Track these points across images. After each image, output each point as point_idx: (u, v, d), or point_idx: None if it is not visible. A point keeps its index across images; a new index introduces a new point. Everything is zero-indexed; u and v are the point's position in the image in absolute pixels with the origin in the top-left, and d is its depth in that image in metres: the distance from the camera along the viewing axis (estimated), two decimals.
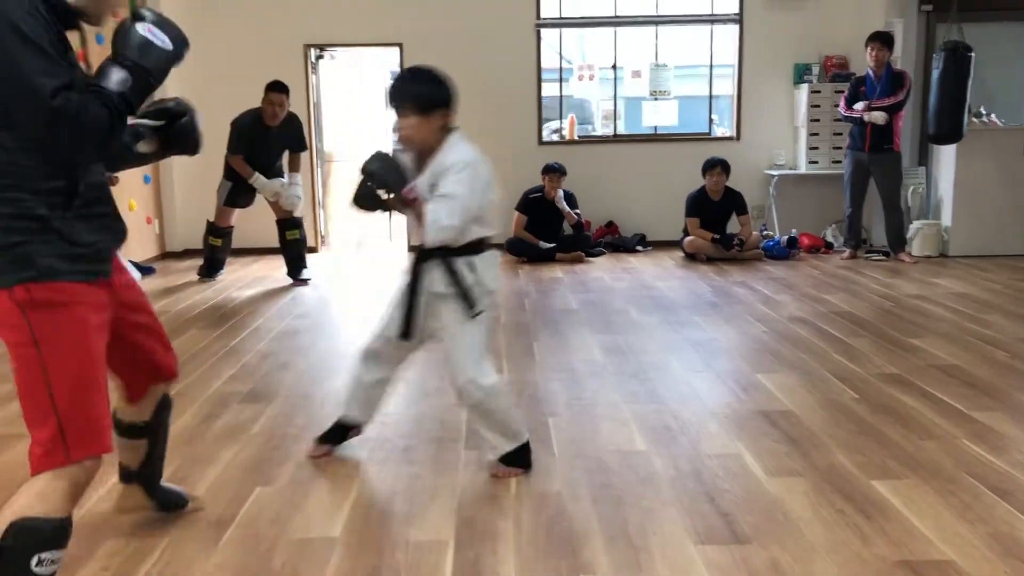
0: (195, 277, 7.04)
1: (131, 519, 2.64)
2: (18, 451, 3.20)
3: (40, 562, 1.90)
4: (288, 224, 6.82)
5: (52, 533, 1.93)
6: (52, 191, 1.91)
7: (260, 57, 7.84)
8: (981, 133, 7.45)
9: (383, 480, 2.95)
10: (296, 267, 6.85)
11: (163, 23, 1.98)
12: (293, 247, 6.85)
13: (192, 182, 8.08)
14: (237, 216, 6.95)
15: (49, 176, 1.90)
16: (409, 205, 2.83)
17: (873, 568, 2.31)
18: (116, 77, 1.90)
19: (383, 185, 2.84)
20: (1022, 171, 7.45)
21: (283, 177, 6.74)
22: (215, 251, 7.00)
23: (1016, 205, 7.49)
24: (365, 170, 2.83)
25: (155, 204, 8.20)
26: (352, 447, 3.24)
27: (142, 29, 1.93)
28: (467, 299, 2.85)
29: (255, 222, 7.46)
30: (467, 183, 2.79)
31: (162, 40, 1.95)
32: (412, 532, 2.56)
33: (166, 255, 8.28)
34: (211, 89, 7.88)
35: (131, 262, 7.00)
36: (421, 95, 2.87)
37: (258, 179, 6.54)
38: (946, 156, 7.63)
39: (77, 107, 1.81)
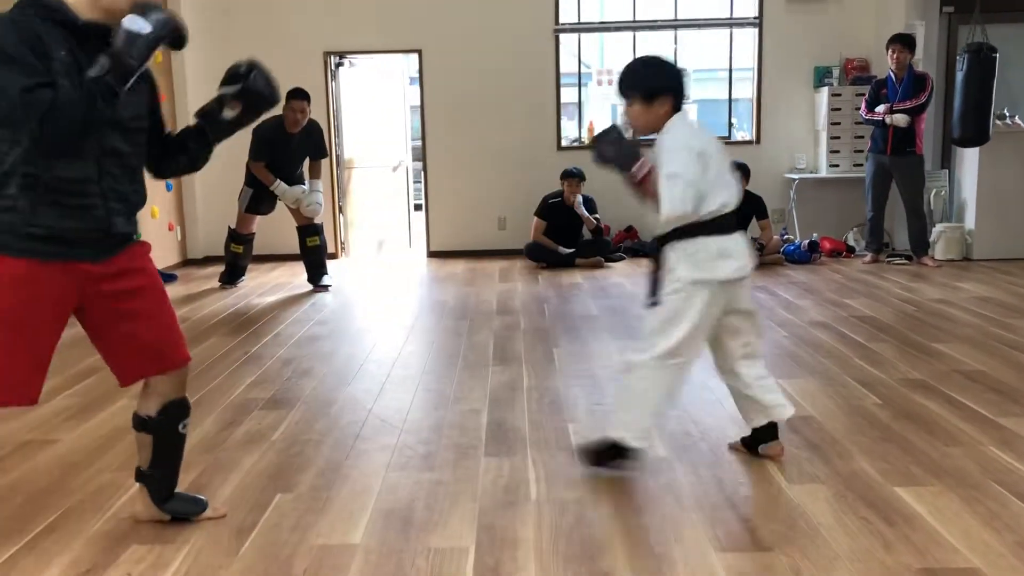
0: (216, 284, 7.09)
1: (154, 526, 2.66)
2: (47, 455, 3.24)
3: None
4: (309, 231, 6.86)
5: None
6: (24, 176, 2.20)
7: (280, 65, 7.77)
8: (1005, 135, 7.38)
9: (404, 487, 2.96)
10: (317, 273, 6.89)
11: (148, 11, 2.21)
12: (314, 253, 6.88)
13: (214, 189, 8.14)
14: (258, 223, 7.00)
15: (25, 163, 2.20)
16: (642, 184, 2.91)
17: None
18: (99, 64, 2.19)
19: (612, 163, 2.94)
20: None
21: (304, 184, 6.77)
22: (236, 258, 7.05)
23: None
24: (598, 152, 2.96)
25: (177, 211, 8.27)
26: (372, 453, 3.26)
27: (126, 21, 2.17)
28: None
29: (276, 229, 7.51)
30: (682, 161, 2.82)
31: (139, 26, 2.17)
32: (433, 539, 2.56)
33: (188, 262, 8.35)
34: None
35: None
36: (644, 83, 2.94)
37: (279, 186, 6.58)
38: (969, 159, 7.56)
39: (47, 98, 2.08)
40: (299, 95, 6.44)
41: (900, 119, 7.02)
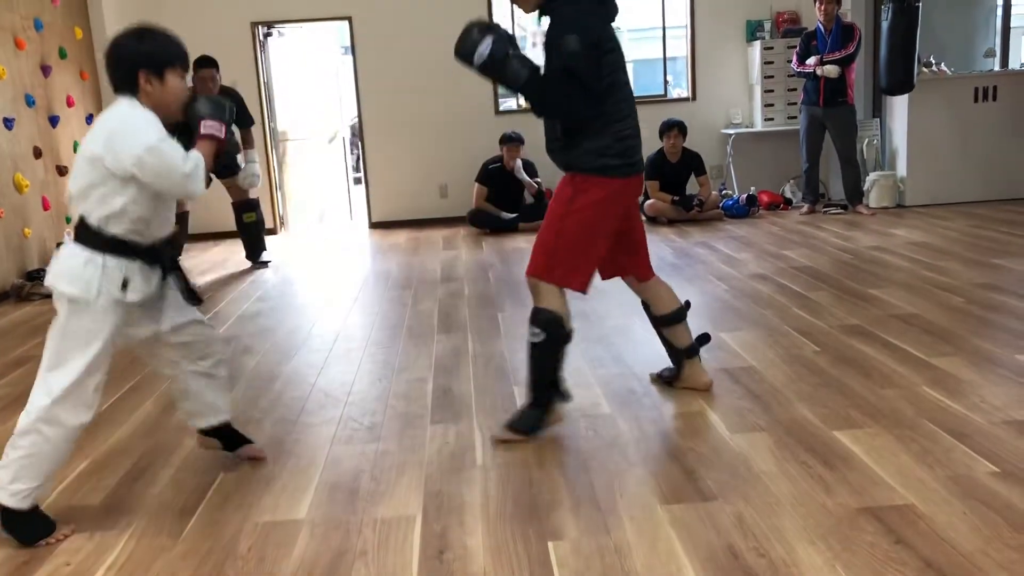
0: None
1: (94, 512, 2.61)
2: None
3: None
4: (245, 207, 6.73)
5: None
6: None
7: (207, 37, 7.65)
8: (931, 83, 7.51)
9: (349, 459, 2.93)
10: (255, 250, 6.78)
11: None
12: (251, 230, 6.77)
13: None
14: (191, 200, 6.84)
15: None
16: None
17: (836, 517, 2.34)
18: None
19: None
20: (973, 119, 7.53)
21: (239, 153, 6.62)
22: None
23: (968, 152, 7.58)
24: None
25: None
26: (317, 427, 3.23)
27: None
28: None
29: (211, 206, 7.36)
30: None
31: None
32: (379, 509, 2.55)
33: None
34: None
35: None
36: None
37: None
38: (899, 107, 7.69)
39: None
40: (207, 63, 6.26)
41: (831, 70, 7.11)
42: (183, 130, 2.47)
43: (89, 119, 7.64)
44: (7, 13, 6.35)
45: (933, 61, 7.76)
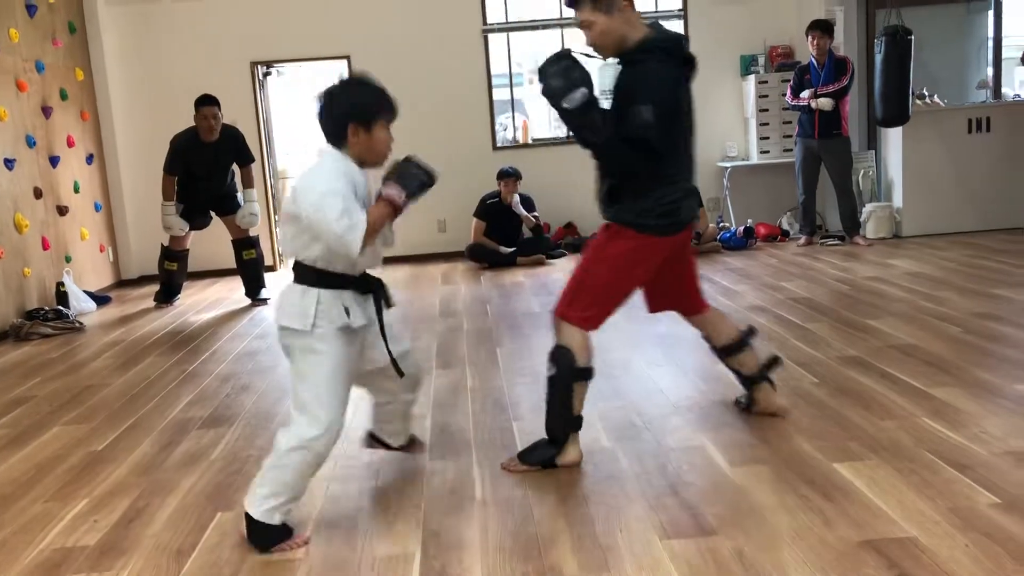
0: (152, 303, 6.94)
1: (89, 553, 2.59)
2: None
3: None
4: (244, 244, 6.76)
5: None
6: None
7: (206, 77, 7.75)
8: (926, 114, 7.57)
9: (347, 497, 2.92)
10: (254, 287, 6.79)
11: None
12: (251, 267, 6.79)
13: (143, 207, 7.97)
14: (192, 239, 6.87)
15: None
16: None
17: (837, 550, 2.32)
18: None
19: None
20: (967, 150, 7.58)
21: (238, 194, 6.68)
22: (171, 276, 6.92)
23: (964, 183, 7.62)
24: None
25: (107, 232, 8.07)
26: None
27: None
28: None
29: (211, 244, 7.39)
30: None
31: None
32: (378, 547, 2.53)
33: (122, 283, 8.15)
34: (157, 111, 7.80)
35: (86, 292, 6.90)
36: None
37: (167, 208, 6.51)
38: (894, 138, 7.75)
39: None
40: (208, 101, 6.34)
41: (824, 103, 7.17)
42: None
43: (90, 159, 7.70)
44: (9, 56, 6.42)
45: (927, 93, 7.83)
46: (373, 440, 3.16)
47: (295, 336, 2.55)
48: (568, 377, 2.97)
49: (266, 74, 8.48)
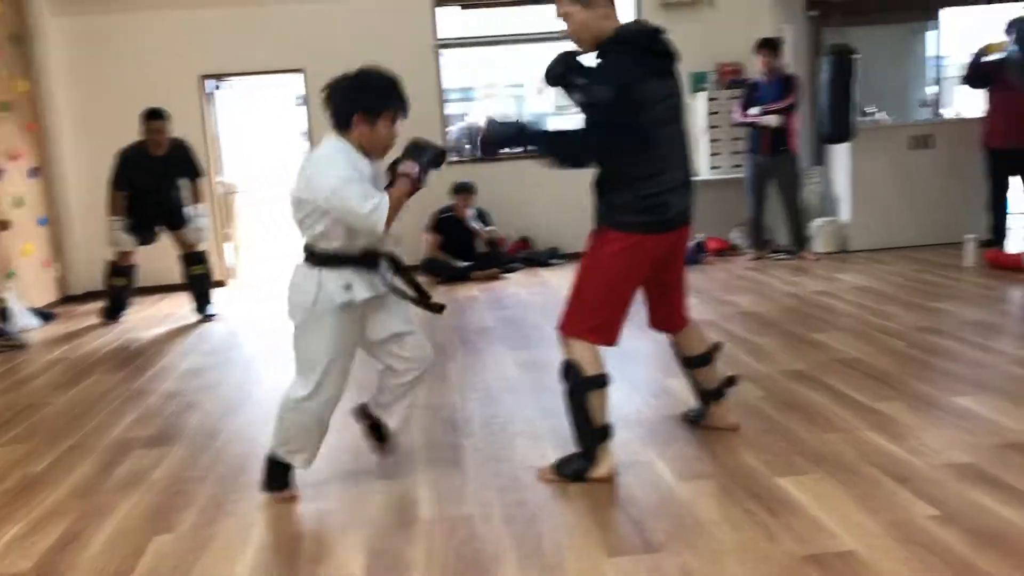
0: (98, 320, 6.80)
1: None
2: None
3: None
4: (193, 259, 6.65)
5: None
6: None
7: (155, 90, 7.63)
8: (871, 131, 7.72)
9: (291, 518, 2.88)
10: (203, 303, 6.68)
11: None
12: (199, 282, 6.68)
13: (90, 222, 7.81)
14: (140, 254, 6.75)
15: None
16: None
17: (780, 565, 2.34)
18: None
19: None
20: (911, 166, 7.74)
21: (186, 208, 6.58)
22: (118, 291, 6.78)
23: (908, 198, 7.77)
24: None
25: (52, 247, 7.89)
26: (257, 486, 3.16)
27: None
28: None
29: (159, 259, 7.25)
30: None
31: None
32: (320, 570, 2.49)
33: (68, 299, 7.96)
34: (105, 124, 7.66)
35: (30, 309, 6.74)
36: None
37: (114, 223, 6.41)
38: (841, 155, 7.88)
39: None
40: (156, 115, 6.25)
41: (772, 119, 7.28)
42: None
43: (34, 173, 7.54)
44: None
45: (871, 110, 7.99)
46: (362, 414, 3.25)
47: (298, 311, 2.84)
48: (581, 389, 2.96)
49: (216, 87, 8.38)
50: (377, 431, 3.23)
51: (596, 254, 2.99)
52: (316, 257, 2.85)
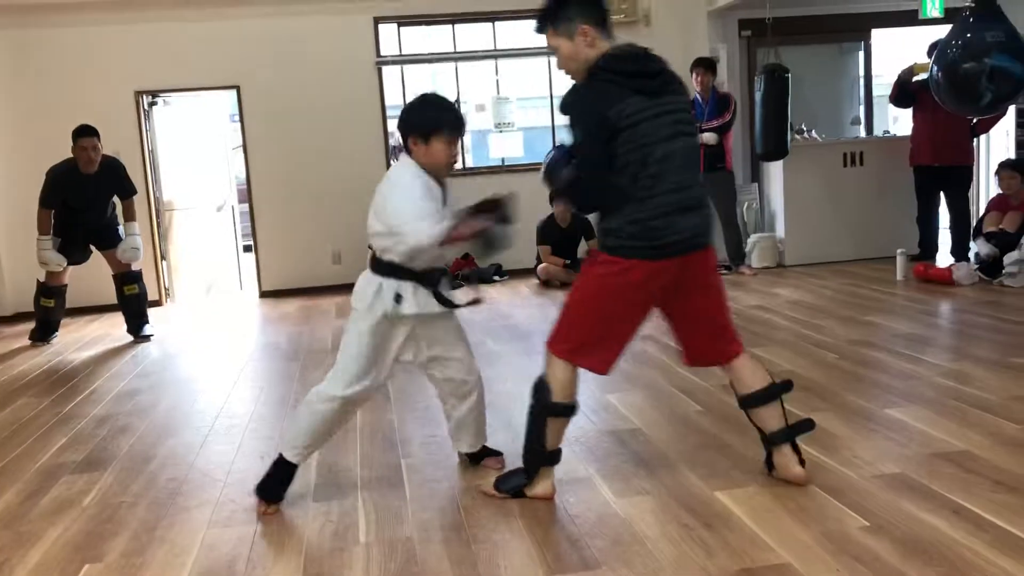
0: (27, 342, 6.60)
1: None
2: None
3: None
4: (126, 278, 6.51)
5: None
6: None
7: (89, 106, 7.46)
8: (804, 149, 7.92)
9: (226, 543, 2.81)
10: (137, 323, 6.53)
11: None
12: (133, 302, 6.53)
13: (19, 241, 7.58)
14: (71, 274, 6.58)
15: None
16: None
17: None
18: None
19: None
20: (843, 183, 7.95)
21: (119, 227, 6.44)
22: (47, 312, 6.60)
23: (840, 214, 7.97)
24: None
25: None
26: (193, 510, 3.09)
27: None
28: None
29: (91, 279, 7.08)
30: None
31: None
32: None
33: None
34: (36, 140, 7.46)
35: None
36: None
37: (43, 242, 6.26)
38: (775, 172, 8.06)
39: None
40: (87, 132, 6.11)
41: (708, 137, 7.41)
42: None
43: None
44: None
45: (805, 128, 8.19)
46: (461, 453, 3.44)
47: (355, 312, 3.03)
48: (542, 412, 2.91)
49: (152, 103, 8.23)
50: (473, 458, 3.39)
51: (585, 275, 2.93)
52: (380, 266, 3.01)
